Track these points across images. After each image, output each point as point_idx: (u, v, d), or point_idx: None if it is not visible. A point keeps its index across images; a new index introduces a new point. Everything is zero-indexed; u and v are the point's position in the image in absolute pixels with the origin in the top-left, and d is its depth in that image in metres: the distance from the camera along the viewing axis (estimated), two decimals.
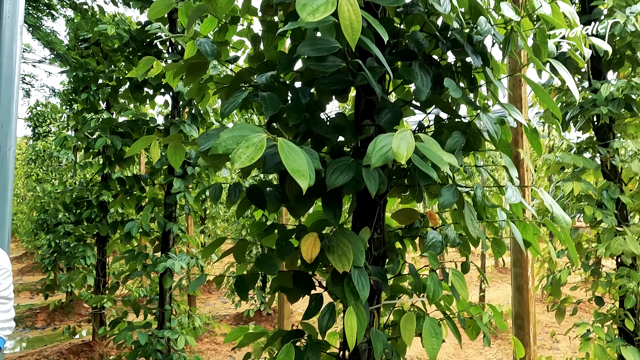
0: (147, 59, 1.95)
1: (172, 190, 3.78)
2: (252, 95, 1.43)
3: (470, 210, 1.45)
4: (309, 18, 0.90)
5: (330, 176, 1.39)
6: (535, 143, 1.49)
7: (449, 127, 1.58)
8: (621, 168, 3.58)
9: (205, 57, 1.47)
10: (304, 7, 0.91)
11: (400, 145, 1.04)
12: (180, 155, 1.94)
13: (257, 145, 0.92)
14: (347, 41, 0.97)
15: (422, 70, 1.48)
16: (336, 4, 0.94)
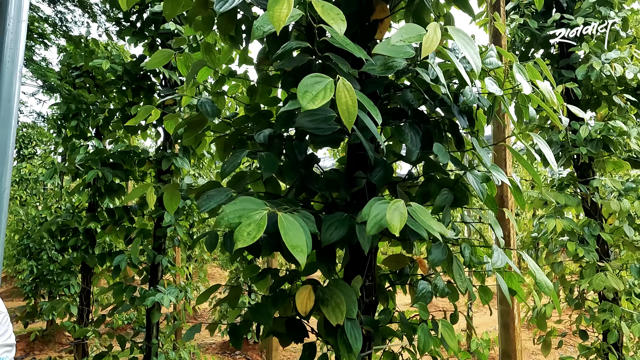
0: (145, 108, 2.01)
1: (162, 223, 3.79)
2: (251, 154, 1.49)
3: (459, 265, 1.51)
4: (309, 105, 0.97)
5: (325, 232, 1.44)
6: (519, 200, 1.57)
7: (437, 182, 1.66)
8: (601, 204, 3.71)
9: (205, 116, 1.53)
10: (304, 94, 0.98)
11: (394, 217, 1.10)
12: (176, 201, 1.98)
13: (259, 223, 0.97)
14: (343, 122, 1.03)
15: (412, 130, 1.56)
16: (334, 90, 1.01)
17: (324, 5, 0.99)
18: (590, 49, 3.53)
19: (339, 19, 0.97)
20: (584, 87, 3.73)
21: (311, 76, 1.02)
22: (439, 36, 0.99)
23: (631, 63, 3.53)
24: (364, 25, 1.73)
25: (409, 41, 1.02)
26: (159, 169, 4.13)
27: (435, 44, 0.97)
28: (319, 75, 1.02)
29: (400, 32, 1.04)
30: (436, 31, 0.99)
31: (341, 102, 1.01)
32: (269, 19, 0.95)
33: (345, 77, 1.34)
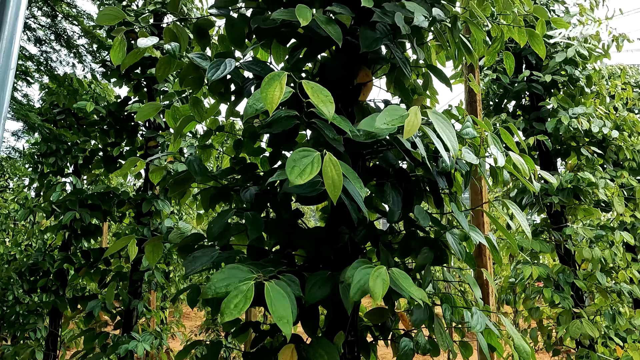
0: (130, 160, 2.03)
1: (140, 267, 3.70)
2: (238, 214, 1.52)
3: (440, 324, 1.54)
4: (297, 180, 1.02)
5: (309, 291, 1.46)
6: (496, 258, 1.63)
7: (418, 240, 1.71)
8: (574, 251, 3.83)
9: (192, 175, 1.56)
10: (292, 169, 1.03)
11: (376, 284, 1.13)
12: (158, 254, 1.97)
13: (246, 295, 0.99)
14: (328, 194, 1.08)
15: (393, 191, 1.62)
16: (321, 164, 1.06)
17: (313, 87, 1.06)
18: (559, 103, 3.75)
19: (327, 101, 1.03)
20: (554, 137, 3.93)
21: (299, 150, 1.07)
22: (419, 120, 1.06)
23: (596, 117, 3.77)
24: (348, 88, 1.82)
25: (392, 124, 1.09)
26: (139, 210, 4.08)
27: (416, 127, 1.05)
28: (306, 150, 1.08)
29: (384, 114, 1.11)
30: (417, 115, 1.07)
31: (327, 176, 1.06)
32: (262, 99, 1.01)
33: (331, 142, 1.41)
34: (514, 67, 1.97)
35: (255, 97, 1.10)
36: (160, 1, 4.22)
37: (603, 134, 3.65)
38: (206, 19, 2.04)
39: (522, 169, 1.40)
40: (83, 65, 5.05)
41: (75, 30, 5.10)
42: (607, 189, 3.71)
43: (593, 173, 3.66)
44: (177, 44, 1.62)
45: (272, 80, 1.02)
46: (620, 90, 4.15)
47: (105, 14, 1.82)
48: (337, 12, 1.33)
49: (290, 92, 1.09)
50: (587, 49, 3.60)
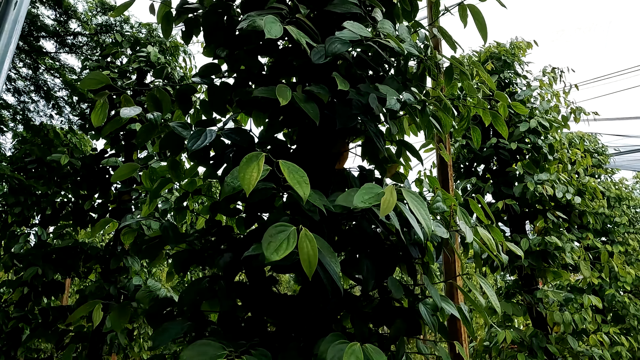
0: (103, 221, 2.00)
1: (103, 328, 3.51)
2: (211, 283, 1.50)
3: None
4: (273, 257, 1.03)
5: None
6: (469, 329, 1.64)
7: (391, 309, 1.71)
8: (545, 314, 3.87)
9: (165, 240, 1.55)
10: (269, 245, 1.05)
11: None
12: (125, 320, 1.89)
13: None
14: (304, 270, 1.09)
15: (367, 260, 1.64)
16: (297, 240, 1.08)
17: (289, 167, 1.10)
18: (524, 169, 3.95)
19: (302, 182, 1.08)
20: (521, 201, 4.10)
21: (275, 226, 1.09)
22: (394, 198, 1.11)
23: (560, 183, 3.97)
24: (325, 156, 1.89)
25: (369, 202, 1.14)
26: (106, 266, 3.93)
27: (392, 205, 1.10)
28: (282, 225, 1.10)
29: (362, 192, 1.17)
30: (392, 194, 1.12)
31: (303, 252, 1.08)
32: (240, 180, 1.04)
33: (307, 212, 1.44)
34: (480, 140, 2.09)
35: (233, 174, 1.14)
36: (144, 59, 4.34)
37: (567, 199, 3.83)
38: (189, 85, 2.12)
39: (490, 244, 1.46)
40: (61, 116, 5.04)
41: (57, 82, 5.15)
42: (574, 253, 3.83)
43: (559, 237, 3.80)
44: (159, 114, 1.67)
45: (250, 161, 1.06)
46: (580, 158, 4.43)
47: (90, 79, 1.86)
48: (315, 91, 1.42)
49: (267, 171, 1.13)
50: (548, 120, 3.87)
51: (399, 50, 1.33)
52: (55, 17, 4.57)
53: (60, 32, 4.65)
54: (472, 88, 1.57)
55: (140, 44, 4.61)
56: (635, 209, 8.01)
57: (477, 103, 1.62)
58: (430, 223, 1.12)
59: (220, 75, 2.06)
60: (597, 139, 6.39)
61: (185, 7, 2.04)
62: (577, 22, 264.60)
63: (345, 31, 1.37)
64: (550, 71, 4.31)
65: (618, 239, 6.46)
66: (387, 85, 1.46)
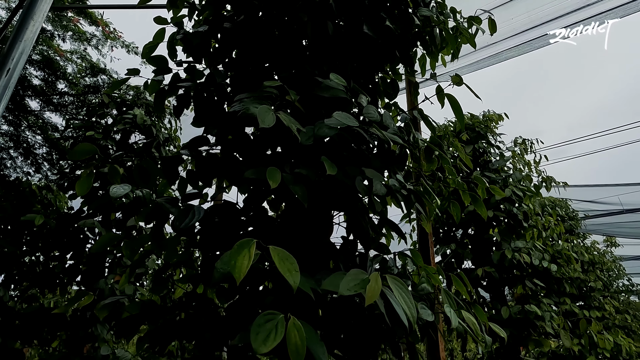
0: (80, 292, 1.92)
1: None
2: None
3: None
4: (262, 349, 1.01)
5: None
6: None
7: None
8: None
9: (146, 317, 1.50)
10: (257, 337, 1.03)
11: None
12: None
13: None
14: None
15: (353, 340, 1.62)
16: (285, 329, 1.08)
17: (280, 254, 1.12)
18: (501, 236, 4.05)
19: (293, 270, 1.09)
20: (499, 268, 4.15)
21: (263, 315, 1.09)
22: (379, 285, 1.13)
23: (536, 250, 4.07)
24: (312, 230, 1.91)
25: (354, 290, 1.16)
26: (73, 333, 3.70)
27: (377, 292, 1.11)
28: (270, 313, 1.09)
29: (348, 279, 1.18)
30: (377, 281, 1.14)
31: (291, 343, 1.06)
32: (230, 268, 1.05)
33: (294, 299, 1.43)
34: (460, 215, 2.16)
35: (223, 260, 1.14)
36: (129, 121, 4.40)
37: (543, 266, 3.91)
38: (176, 156, 2.15)
39: (475, 327, 1.47)
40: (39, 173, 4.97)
41: (38, 139, 5.12)
42: (554, 321, 3.84)
43: (538, 305, 3.82)
44: (148, 191, 1.68)
45: (241, 248, 1.08)
46: (554, 225, 4.58)
47: (78, 150, 1.88)
48: (304, 173, 1.47)
49: (258, 255, 1.14)
50: (521, 189, 4.04)
51: (384, 139, 1.41)
52: (44, 77, 4.64)
53: (47, 92, 4.71)
54: (452, 170, 1.66)
55: (126, 105, 4.69)
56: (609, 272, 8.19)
57: (457, 185, 1.70)
58: (414, 311, 1.13)
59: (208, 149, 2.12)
60: (567, 205, 6.66)
61: (177, 83, 2.13)
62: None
63: (333, 119, 1.45)
64: (521, 142, 4.57)
65: (594, 304, 6.54)
66: (371, 165, 1.53)
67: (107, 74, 4.74)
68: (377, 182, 1.43)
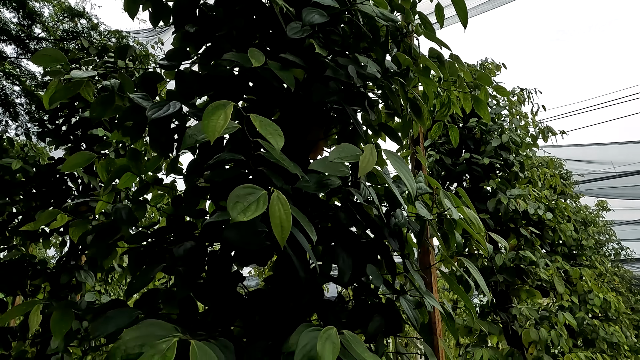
0: (50, 212, 1.79)
1: (48, 350, 3.15)
2: (167, 269, 1.32)
3: None
4: (240, 217, 0.89)
5: None
6: (451, 328, 1.51)
7: (369, 307, 1.56)
8: (521, 333, 3.78)
9: (119, 224, 1.37)
10: (235, 205, 0.91)
11: (325, 347, 0.97)
12: (67, 324, 1.66)
13: (166, 354, 0.79)
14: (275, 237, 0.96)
15: (344, 252, 1.51)
16: (267, 203, 0.95)
17: (261, 121, 0.98)
18: (496, 186, 3.96)
19: (276, 134, 0.96)
20: (494, 218, 4.08)
21: (244, 187, 0.96)
22: (374, 157, 1.01)
23: (531, 200, 3.99)
24: (298, 146, 1.77)
25: (346, 159, 1.03)
26: (57, 283, 3.59)
27: (371, 164, 0.99)
28: (252, 187, 0.97)
29: (338, 150, 1.05)
30: (372, 152, 1.01)
31: (275, 216, 0.94)
32: (204, 128, 0.91)
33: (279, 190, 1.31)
34: (458, 139, 2.04)
35: (196, 127, 1.01)
36: (111, 66, 4.17)
37: (538, 215, 3.84)
38: (155, 72, 1.98)
39: (477, 224, 1.36)
40: (18, 124, 4.75)
41: (16, 89, 4.88)
42: (547, 270, 3.80)
43: (533, 253, 3.77)
44: (117, 81, 1.52)
45: (216, 109, 0.94)
46: (549, 177, 4.50)
47: (43, 55, 1.70)
48: (290, 59, 1.32)
49: (235, 127, 1.00)
50: (519, 136, 3.93)
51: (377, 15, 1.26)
52: (18, 20, 4.37)
53: (23, 37, 4.44)
54: (454, 68, 1.52)
55: (107, 52, 4.45)
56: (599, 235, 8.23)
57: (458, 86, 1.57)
58: (413, 183, 1.01)
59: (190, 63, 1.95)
60: (562, 164, 6.59)
61: None
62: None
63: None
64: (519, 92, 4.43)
65: (585, 263, 6.56)
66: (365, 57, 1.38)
67: (86, 16, 4.47)
68: (372, 66, 1.29)
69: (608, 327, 6.10)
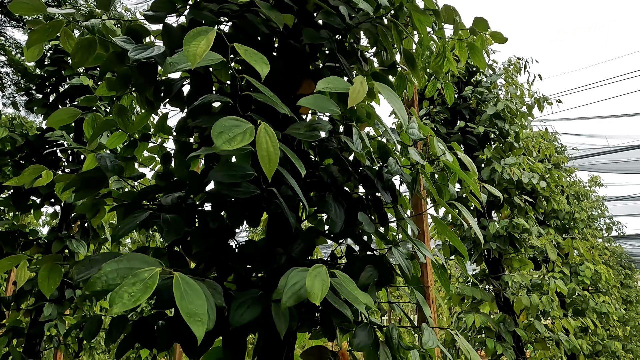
0: (34, 167, 1.74)
1: (40, 317, 3.15)
2: (154, 217, 1.29)
3: (385, 351, 1.34)
4: (224, 146, 0.85)
5: (235, 312, 1.23)
6: (443, 280, 1.51)
7: (361, 259, 1.55)
8: (513, 300, 3.83)
9: (104, 172, 1.33)
10: (220, 134, 0.87)
11: (315, 284, 0.95)
12: (55, 280, 1.63)
13: (147, 283, 0.77)
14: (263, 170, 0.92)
15: (335, 202, 1.48)
16: (254, 134, 0.91)
17: (246, 50, 0.94)
18: (491, 155, 3.94)
19: (262, 62, 0.91)
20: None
21: (229, 118, 0.92)
22: (365, 88, 0.97)
23: (526, 170, 3.98)
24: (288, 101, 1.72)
25: (335, 89, 0.99)
26: (48, 252, 3.57)
27: (362, 95, 0.95)
28: (238, 119, 0.93)
29: (327, 80, 1.01)
30: (363, 84, 0.97)
31: (262, 148, 0.90)
32: (184, 53, 0.86)
33: None
34: (453, 97, 1.99)
35: (178, 56, 0.96)
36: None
37: (532, 184, 3.84)
38: (140, 25, 1.91)
39: (471, 167, 1.34)
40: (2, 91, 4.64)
41: (1, 59, 4.75)
42: (540, 239, 3.82)
43: (526, 221, 3.78)
44: (98, 21, 1.46)
45: (197, 35, 0.89)
46: (544, 148, 4.49)
47: (22, 2, 1.62)
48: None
49: (219, 59, 0.96)
50: (515, 105, 3.89)
51: None
52: None
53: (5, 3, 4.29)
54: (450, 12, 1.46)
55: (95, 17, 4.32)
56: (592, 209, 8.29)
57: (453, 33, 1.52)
58: (405, 115, 0.98)
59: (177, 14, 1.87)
60: (556, 138, 6.58)
61: None
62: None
63: None
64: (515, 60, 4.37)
65: (577, 236, 6.63)
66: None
67: None
68: (363, 3, 1.23)
69: (598, 298, 6.20)
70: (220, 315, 1.25)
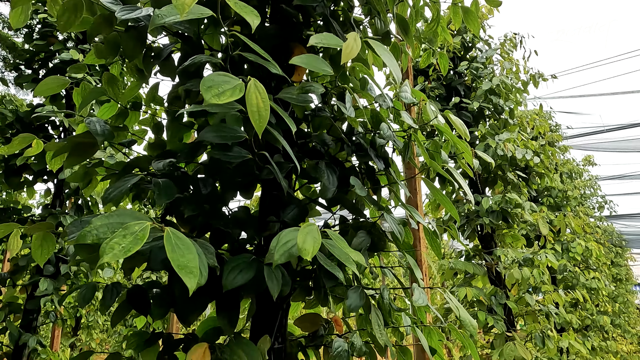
0: (24, 136, 1.73)
1: (36, 292, 3.16)
2: (145, 182, 1.29)
3: (377, 314, 1.37)
4: (213, 100, 0.84)
5: (227, 275, 1.23)
6: (434, 246, 1.52)
7: (354, 226, 1.56)
8: (504, 274, 3.89)
9: (94, 136, 1.32)
10: (209, 89, 0.86)
11: (306, 241, 0.96)
12: (48, 248, 1.63)
13: (138, 235, 0.77)
14: (255, 131, 0.92)
15: (328, 169, 1.48)
16: (244, 90, 0.90)
17: (237, 2, 0.92)
18: (486, 131, 3.94)
19: (252, 14, 0.90)
20: (482, 166, 4.09)
21: (219, 73, 0.91)
22: (359, 44, 0.96)
23: (520, 146, 3.99)
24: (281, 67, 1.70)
25: (329, 45, 0.97)
26: None
27: (355, 51, 0.94)
28: (228, 75, 0.91)
29: (319, 36, 1.00)
30: (356, 39, 0.96)
31: (252, 104, 0.90)
32: (174, 3, 0.84)
33: None
34: (447, 67, 1.98)
35: (166, 9, 0.94)
36: None
37: (526, 160, 3.86)
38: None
39: (463, 129, 1.34)
40: None
41: None
42: (532, 215, 3.86)
43: (519, 196, 3.81)
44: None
45: None
46: (538, 125, 4.49)
47: None
48: None
49: (209, 13, 0.94)
50: (510, 80, 3.87)
51: None
52: None
53: None
54: None
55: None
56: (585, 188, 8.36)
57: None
58: (399, 73, 0.97)
59: None
60: (551, 116, 6.59)
61: None
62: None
63: None
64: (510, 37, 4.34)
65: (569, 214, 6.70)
66: None
67: None
68: None
69: (588, 274, 6.30)
70: (213, 279, 1.26)
